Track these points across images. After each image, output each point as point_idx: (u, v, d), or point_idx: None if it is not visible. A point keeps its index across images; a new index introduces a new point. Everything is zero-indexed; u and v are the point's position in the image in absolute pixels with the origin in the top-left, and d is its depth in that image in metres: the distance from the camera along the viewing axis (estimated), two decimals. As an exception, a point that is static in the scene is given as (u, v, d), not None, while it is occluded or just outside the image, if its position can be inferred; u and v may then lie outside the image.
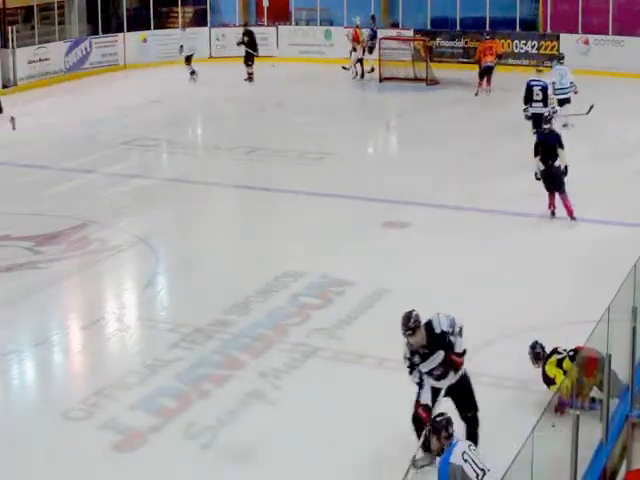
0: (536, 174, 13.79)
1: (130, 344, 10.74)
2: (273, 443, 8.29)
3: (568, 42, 26.21)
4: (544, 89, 17.83)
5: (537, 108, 17.54)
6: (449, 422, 6.74)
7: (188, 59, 26.59)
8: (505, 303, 11.02)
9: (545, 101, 17.70)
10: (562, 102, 18.87)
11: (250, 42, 26.66)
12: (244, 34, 26.92)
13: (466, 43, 27.99)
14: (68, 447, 8.42)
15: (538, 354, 8.69)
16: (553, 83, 18.71)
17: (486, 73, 23.93)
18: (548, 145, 13.70)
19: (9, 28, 25.79)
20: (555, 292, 11.30)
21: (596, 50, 25.30)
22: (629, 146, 18.32)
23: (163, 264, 13.09)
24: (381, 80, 26.07)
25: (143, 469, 8.10)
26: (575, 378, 7.48)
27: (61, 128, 21.06)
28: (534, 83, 17.96)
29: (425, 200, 14.93)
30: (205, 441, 8.41)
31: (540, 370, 8.64)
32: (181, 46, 26.77)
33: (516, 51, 26.71)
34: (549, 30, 27.38)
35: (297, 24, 30.80)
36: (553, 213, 13.99)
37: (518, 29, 27.49)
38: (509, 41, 27.10)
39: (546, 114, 15.71)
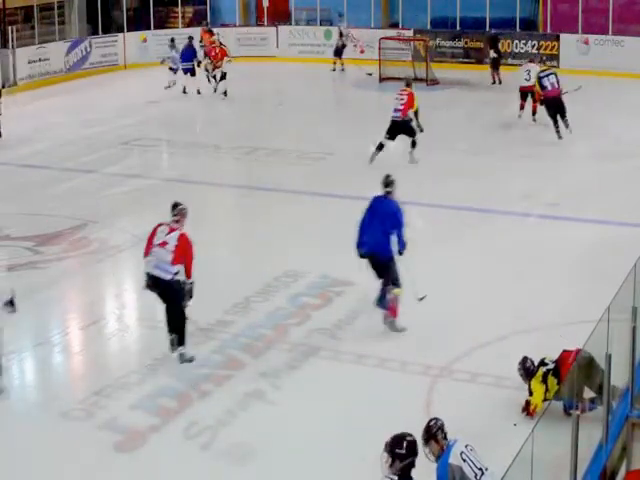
0: None
1: (130, 344, 10.74)
2: (273, 443, 8.28)
3: (568, 42, 26.22)
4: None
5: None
6: (442, 425, 6.74)
7: None
8: (505, 303, 11.03)
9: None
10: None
11: None
12: None
13: (466, 43, 27.99)
14: (68, 447, 8.41)
15: (529, 369, 8.60)
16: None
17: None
18: None
19: (9, 28, 25.81)
20: (555, 292, 11.31)
21: (596, 50, 25.29)
22: (629, 146, 18.32)
23: (163, 264, 13.06)
24: (381, 80, 26.05)
25: (143, 469, 8.10)
26: (573, 381, 7.48)
27: (61, 128, 21.06)
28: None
29: (425, 200, 14.90)
30: (205, 441, 8.41)
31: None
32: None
33: (516, 51, 26.69)
34: (549, 30, 27.39)
35: (297, 24, 30.81)
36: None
37: (518, 29, 27.50)
38: (509, 41, 27.11)
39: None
